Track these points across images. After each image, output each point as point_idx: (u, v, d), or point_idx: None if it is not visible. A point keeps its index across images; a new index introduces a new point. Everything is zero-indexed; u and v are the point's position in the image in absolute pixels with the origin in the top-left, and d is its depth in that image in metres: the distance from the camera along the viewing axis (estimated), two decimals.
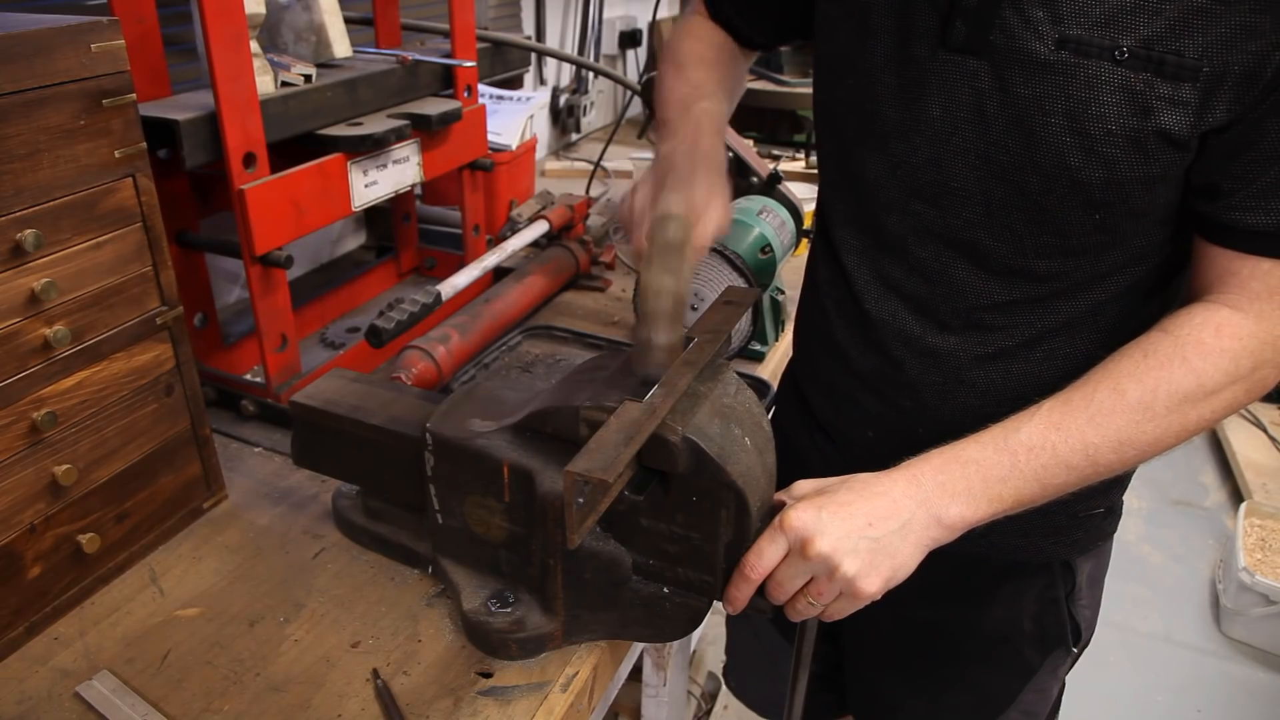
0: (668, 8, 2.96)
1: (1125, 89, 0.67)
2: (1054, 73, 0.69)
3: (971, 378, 0.85)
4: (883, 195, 0.84)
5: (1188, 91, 0.66)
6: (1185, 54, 0.65)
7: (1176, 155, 0.69)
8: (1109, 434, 0.70)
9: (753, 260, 1.23)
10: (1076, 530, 0.93)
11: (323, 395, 0.89)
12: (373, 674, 0.77)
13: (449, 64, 1.33)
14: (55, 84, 0.73)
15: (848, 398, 0.95)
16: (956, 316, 0.84)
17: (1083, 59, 0.68)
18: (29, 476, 0.78)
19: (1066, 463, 0.71)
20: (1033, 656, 0.98)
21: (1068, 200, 0.73)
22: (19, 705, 0.74)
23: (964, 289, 0.82)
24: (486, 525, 0.80)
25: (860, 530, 0.70)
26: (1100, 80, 0.68)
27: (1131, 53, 0.66)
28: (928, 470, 0.72)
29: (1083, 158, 0.71)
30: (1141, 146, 0.69)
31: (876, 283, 0.88)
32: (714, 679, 2.19)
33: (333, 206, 1.14)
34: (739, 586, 0.72)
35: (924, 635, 1.02)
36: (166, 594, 0.87)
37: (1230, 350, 0.70)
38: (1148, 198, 0.72)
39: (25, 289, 0.74)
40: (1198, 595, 2.62)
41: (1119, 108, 0.68)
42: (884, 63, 0.79)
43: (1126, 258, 0.78)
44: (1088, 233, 0.75)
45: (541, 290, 1.43)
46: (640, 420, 0.66)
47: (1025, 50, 0.70)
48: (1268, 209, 0.68)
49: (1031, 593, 0.95)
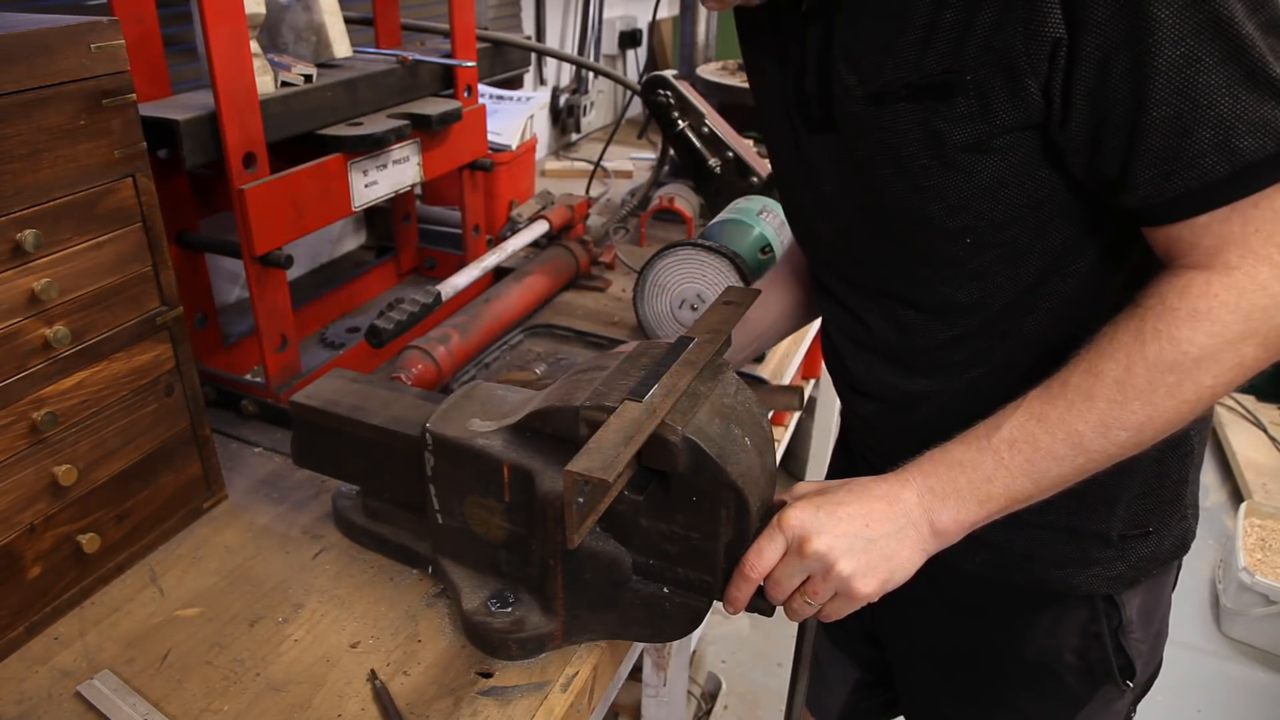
0: (668, 8, 2.96)
1: (920, 122, 0.70)
2: (873, 127, 0.73)
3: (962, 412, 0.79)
4: (823, 261, 0.92)
5: (964, 104, 0.67)
6: (950, 69, 0.67)
7: (994, 160, 0.70)
8: (1091, 418, 0.68)
9: (753, 260, 1.23)
10: (1118, 562, 0.88)
11: (323, 395, 0.89)
12: (371, 675, 0.77)
13: (449, 64, 1.33)
14: (55, 84, 0.73)
15: (865, 440, 0.98)
16: (920, 360, 0.85)
17: (883, 107, 0.72)
18: (29, 476, 0.78)
19: (1052, 453, 0.69)
20: (1079, 689, 0.95)
21: (932, 234, 0.76)
22: (19, 705, 0.74)
23: (912, 333, 0.84)
24: (486, 525, 0.80)
25: (857, 530, 0.69)
26: (900, 121, 0.71)
27: (913, 86, 0.69)
28: (916, 475, 0.72)
29: (917, 197, 0.74)
30: (954, 165, 0.71)
31: (847, 340, 0.92)
32: (714, 679, 2.19)
33: (333, 206, 1.14)
34: (739, 586, 0.72)
35: (970, 657, 1.00)
36: (166, 594, 0.87)
37: (1205, 310, 0.64)
38: (998, 207, 0.72)
39: (25, 289, 0.74)
40: (1198, 595, 2.62)
41: (921, 140, 0.71)
42: (785, 151, 0.87)
43: (1046, 261, 0.75)
44: (974, 254, 0.75)
45: (542, 290, 1.43)
46: (640, 420, 0.66)
47: (850, 114, 0.75)
48: (1168, 173, 0.63)
49: (1072, 625, 0.91)
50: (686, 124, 1.55)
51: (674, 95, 1.54)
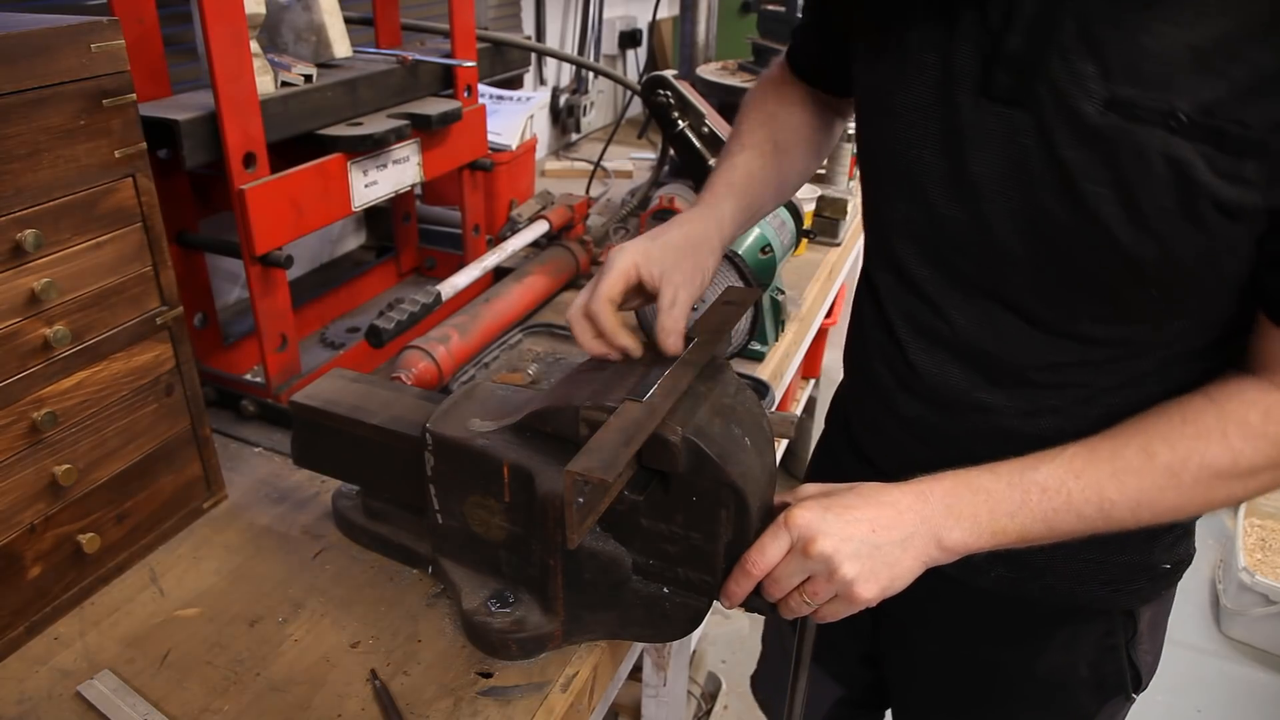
0: (668, 8, 2.96)
1: (1180, 161, 0.60)
2: (1102, 137, 0.62)
3: (1021, 431, 0.79)
4: (921, 245, 0.79)
5: (1253, 169, 0.58)
6: (1251, 125, 0.57)
7: (1244, 228, 0.62)
8: (1129, 492, 0.68)
9: (753, 260, 1.23)
10: (1141, 579, 0.88)
11: (323, 395, 0.89)
12: (371, 675, 0.77)
13: (449, 64, 1.33)
14: (55, 84, 0.73)
15: (893, 441, 0.91)
16: (1006, 374, 0.79)
17: (1133, 124, 0.60)
18: (29, 476, 0.78)
19: (1079, 511, 0.69)
20: (1089, 703, 0.95)
21: (1121, 274, 0.67)
22: (19, 705, 0.74)
23: (1012, 347, 0.77)
24: (486, 525, 0.80)
25: (863, 535, 0.69)
26: (1152, 149, 0.60)
27: (1189, 119, 0.59)
28: (938, 491, 0.71)
29: (1134, 234, 0.64)
30: (1201, 222, 0.62)
31: (919, 334, 0.83)
32: (714, 679, 2.19)
33: (333, 206, 1.14)
34: (739, 581, 0.72)
35: (976, 676, 0.99)
36: (166, 594, 0.87)
37: (1275, 437, 0.66)
38: (1211, 274, 0.65)
39: (25, 289, 0.74)
40: (1198, 595, 2.62)
41: (1168, 180, 0.60)
42: (922, 105, 0.73)
43: (1194, 324, 0.72)
44: (1144, 305, 0.69)
45: (542, 290, 1.43)
46: (640, 420, 0.66)
47: (1071, 108, 0.63)
48: None
49: (1089, 639, 0.91)
50: (686, 124, 1.55)
51: (674, 95, 1.54)
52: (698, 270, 0.81)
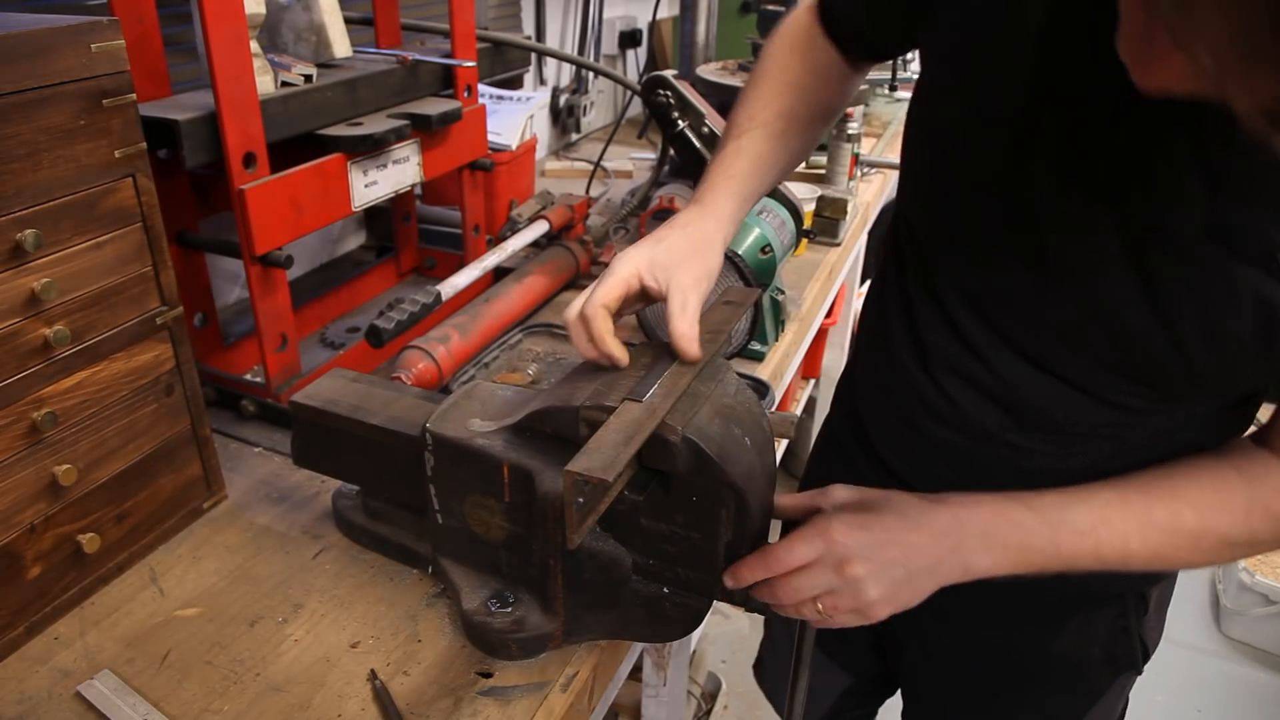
0: (668, 8, 2.96)
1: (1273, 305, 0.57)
2: (1194, 264, 0.59)
3: (1050, 468, 0.80)
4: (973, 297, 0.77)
5: None
6: None
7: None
8: (1150, 546, 0.71)
9: (753, 260, 1.23)
10: None
11: (323, 395, 0.89)
12: (371, 675, 0.77)
13: (449, 64, 1.33)
14: (55, 84, 0.73)
15: (920, 461, 0.90)
16: (1040, 424, 0.79)
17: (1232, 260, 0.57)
18: (29, 476, 0.78)
19: (1101, 555, 0.71)
20: (1101, 680, 0.97)
21: (1179, 378, 0.67)
22: (19, 705, 0.74)
23: (1053, 406, 0.77)
24: (486, 525, 0.80)
25: (896, 560, 0.70)
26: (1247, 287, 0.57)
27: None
28: (975, 520, 0.72)
29: (1205, 354, 0.63)
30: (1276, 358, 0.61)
31: (954, 373, 0.82)
32: (714, 679, 2.19)
33: (333, 206, 1.14)
34: (754, 569, 0.71)
35: (991, 658, 1.00)
36: (166, 594, 0.87)
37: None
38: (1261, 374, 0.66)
39: (25, 289, 0.74)
40: (1198, 595, 2.61)
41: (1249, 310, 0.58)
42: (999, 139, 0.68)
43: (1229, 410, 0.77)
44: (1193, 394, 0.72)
45: (542, 290, 1.43)
46: (640, 420, 0.66)
47: (1166, 225, 0.59)
48: None
49: (1102, 621, 0.93)
50: (686, 124, 1.55)
51: (674, 95, 1.54)
52: (704, 272, 0.80)
